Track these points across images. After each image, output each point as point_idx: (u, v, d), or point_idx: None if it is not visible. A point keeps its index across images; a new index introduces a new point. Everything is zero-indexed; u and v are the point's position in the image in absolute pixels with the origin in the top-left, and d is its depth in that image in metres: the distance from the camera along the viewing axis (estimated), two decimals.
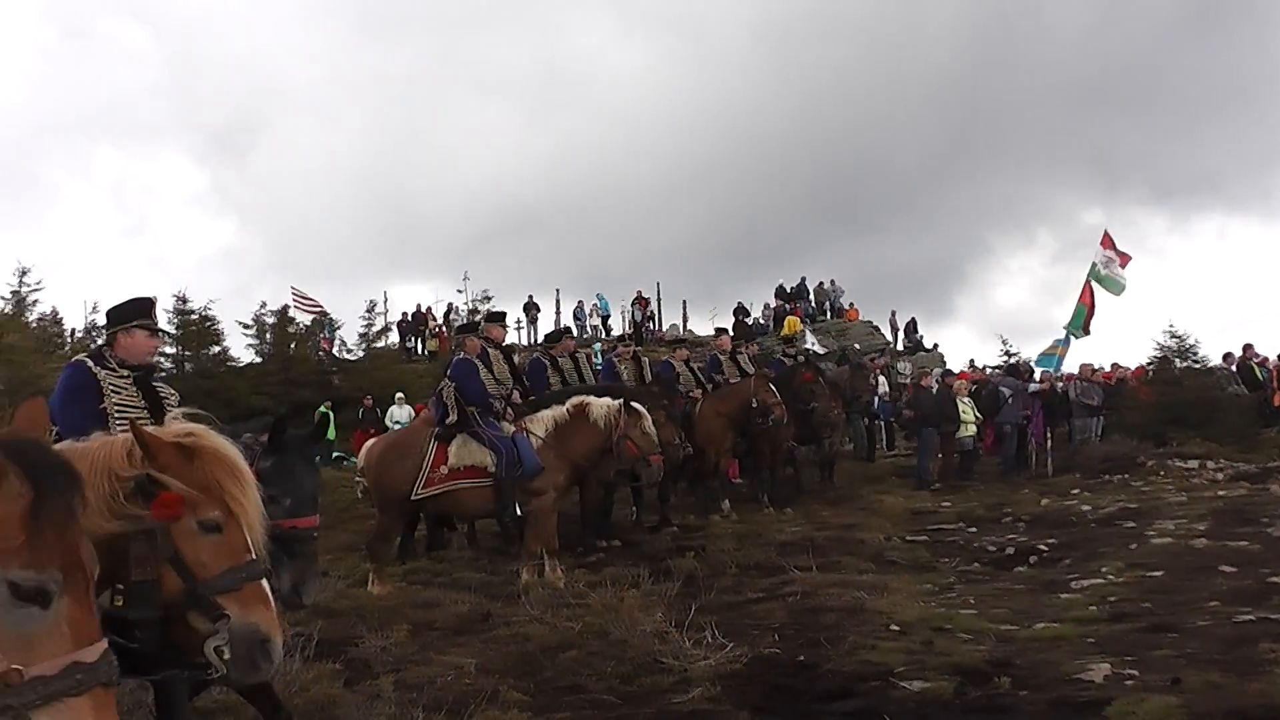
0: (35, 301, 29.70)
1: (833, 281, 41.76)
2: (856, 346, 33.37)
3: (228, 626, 3.38)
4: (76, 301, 68.30)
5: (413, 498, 10.62)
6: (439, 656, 7.50)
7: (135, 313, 5.35)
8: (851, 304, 40.86)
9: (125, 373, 5.23)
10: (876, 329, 40.04)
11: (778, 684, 6.45)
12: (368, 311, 34.86)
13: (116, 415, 4.97)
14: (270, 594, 3.57)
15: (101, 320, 6.81)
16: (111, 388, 5.12)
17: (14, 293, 29.04)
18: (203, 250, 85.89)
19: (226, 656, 3.38)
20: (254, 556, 3.52)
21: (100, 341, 6.20)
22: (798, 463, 16.89)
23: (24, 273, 29.19)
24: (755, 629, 7.84)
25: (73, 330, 32.10)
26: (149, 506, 3.40)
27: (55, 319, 32.12)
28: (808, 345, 28.98)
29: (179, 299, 26.10)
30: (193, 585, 3.43)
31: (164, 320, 16.13)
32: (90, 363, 5.21)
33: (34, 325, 28.79)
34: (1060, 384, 20.12)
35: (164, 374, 11.42)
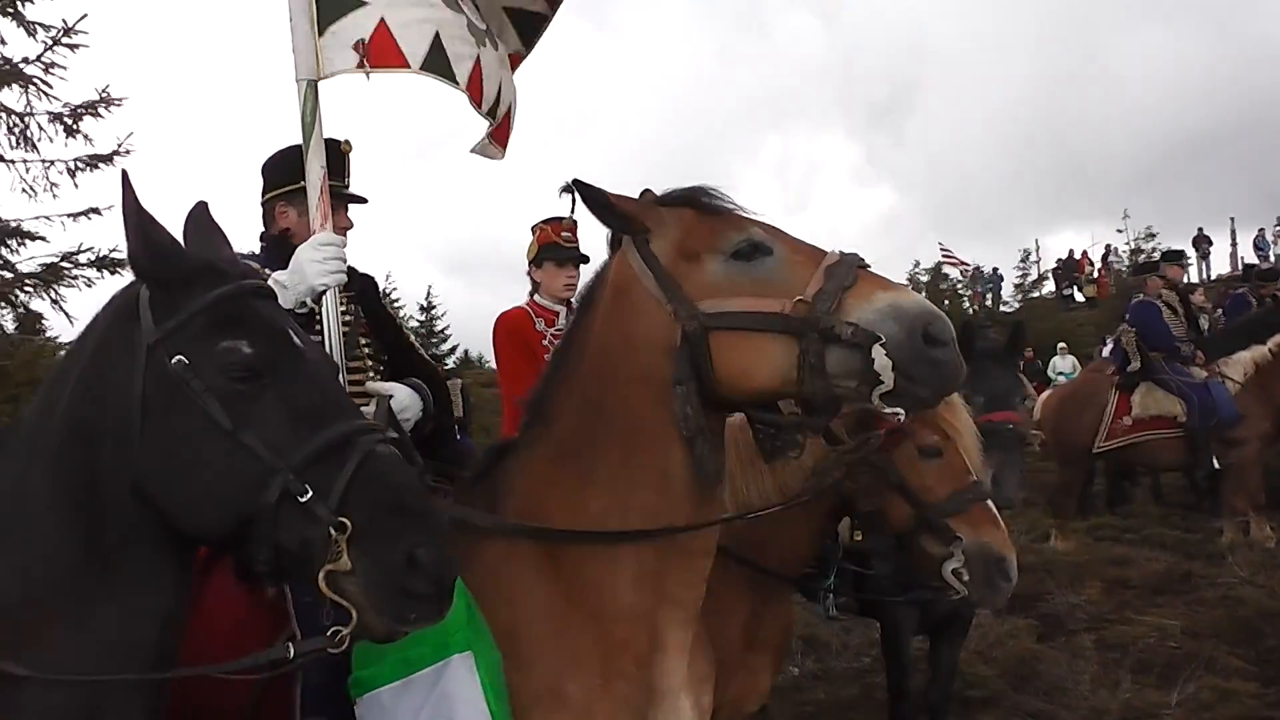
0: None
1: None
2: None
3: (962, 548, 3.44)
4: None
5: (1094, 450, 10.29)
6: (1138, 617, 7.24)
7: None
8: None
9: None
10: None
11: None
12: (1021, 262, 34.24)
13: None
14: (997, 513, 3.60)
15: None
16: None
17: None
18: (863, 218, 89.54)
19: (965, 579, 3.44)
20: (976, 479, 3.58)
21: None
22: None
23: None
24: None
25: None
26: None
27: None
28: None
29: None
30: (923, 510, 3.54)
31: None
32: None
33: None
34: None
35: None
